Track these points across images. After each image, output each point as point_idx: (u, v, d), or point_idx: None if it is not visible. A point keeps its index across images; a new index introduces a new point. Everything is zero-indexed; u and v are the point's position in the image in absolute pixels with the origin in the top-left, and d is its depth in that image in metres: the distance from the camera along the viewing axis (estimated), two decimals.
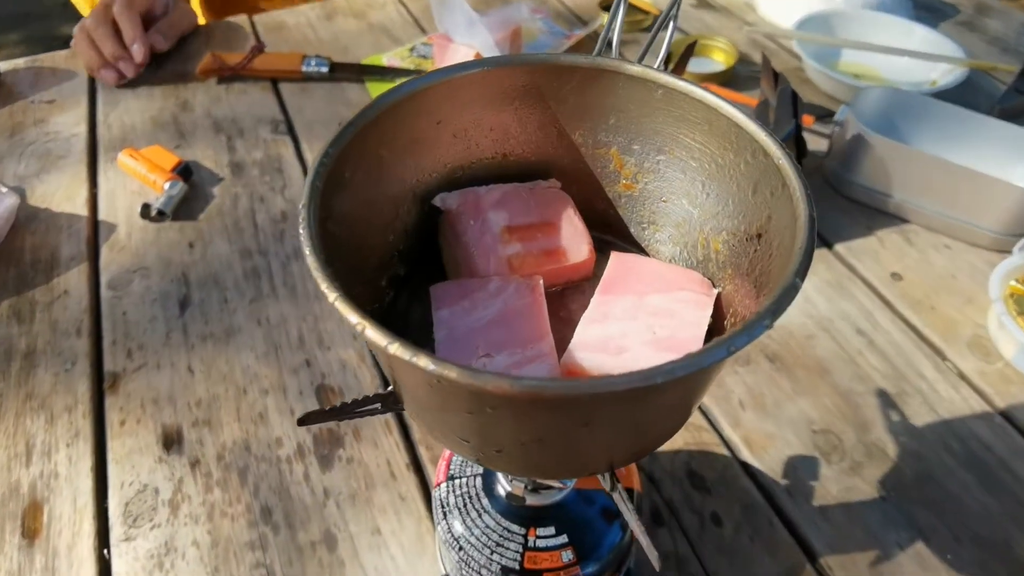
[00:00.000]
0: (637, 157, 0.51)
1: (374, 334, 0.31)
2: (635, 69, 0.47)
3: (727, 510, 0.76)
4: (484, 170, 0.53)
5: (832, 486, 0.78)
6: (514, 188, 0.52)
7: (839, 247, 1.04)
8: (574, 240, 0.51)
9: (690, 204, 0.50)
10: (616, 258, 0.50)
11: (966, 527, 0.75)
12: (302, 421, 0.43)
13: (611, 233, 0.55)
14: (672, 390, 0.34)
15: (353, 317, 0.31)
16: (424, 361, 0.30)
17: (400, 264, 0.50)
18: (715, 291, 0.47)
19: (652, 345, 0.43)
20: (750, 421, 0.82)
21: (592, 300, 0.47)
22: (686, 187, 0.50)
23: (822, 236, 1.05)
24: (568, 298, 0.52)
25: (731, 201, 0.46)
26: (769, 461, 0.79)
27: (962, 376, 0.89)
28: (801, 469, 0.79)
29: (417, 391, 0.37)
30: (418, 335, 0.48)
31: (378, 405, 0.44)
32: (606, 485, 0.43)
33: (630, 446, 0.40)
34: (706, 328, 0.45)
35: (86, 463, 0.78)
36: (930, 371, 0.89)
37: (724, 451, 0.80)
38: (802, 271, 0.34)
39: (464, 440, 0.39)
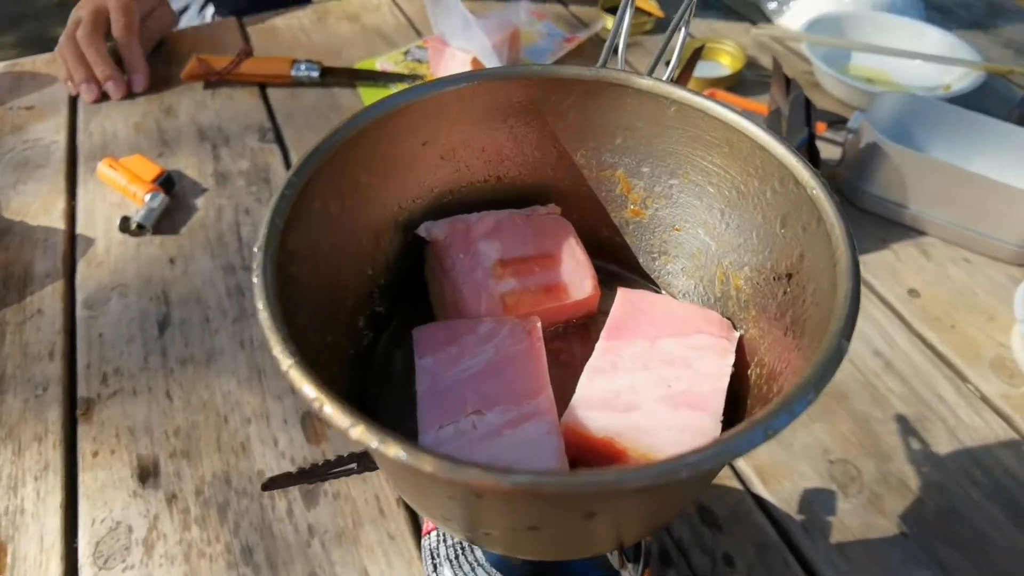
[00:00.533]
0: (647, 180, 0.46)
1: (335, 413, 0.26)
2: (645, 83, 0.42)
3: (740, 549, 0.71)
4: (475, 195, 0.48)
5: (850, 521, 0.73)
6: (508, 215, 0.47)
7: None
8: (576, 274, 0.46)
9: (707, 234, 0.45)
10: (623, 296, 0.44)
11: (993, 565, 0.70)
12: (267, 486, 0.38)
13: (617, 263, 0.50)
14: (696, 478, 0.29)
15: (310, 391, 0.26)
16: (395, 450, 0.25)
17: (381, 301, 0.45)
18: (736, 334, 0.42)
19: (666, 401, 0.38)
20: (764, 451, 0.77)
21: (597, 346, 0.42)
22: (702, 215, 0.45)
23: None
24: (570, 338, 0.46)
25: (755, 234, 0.41)
26: (784, 494, 0.75)
27: (985, 400, 0.84)
28: (817, 503, 0.74)
29: (392, 468, 0.32)
30: (402, 383, 0.43)
31: (354, 465, 0.39)
32: (614, 562, 0.38)
33: (641, 529, 0.35)
34: (727, 380, 0.39)
35: (55, 498, 0.73)
36: (951, 394, 0.84)
37: (736, 484, 0.75)
38: (848, 330, 0.29)
39: (448, 520, 0.33)
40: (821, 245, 0.34)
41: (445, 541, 0.55)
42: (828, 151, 1.13)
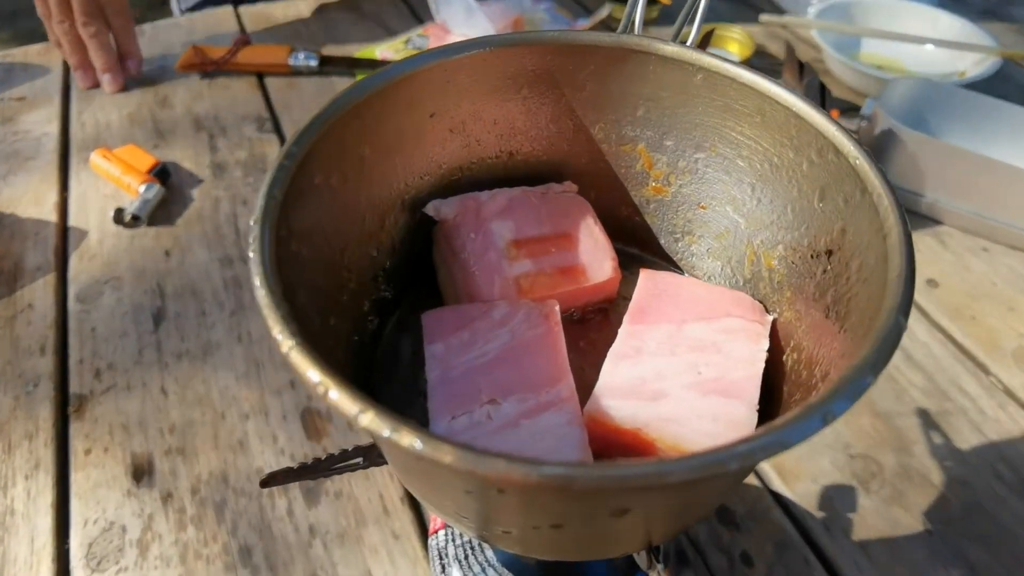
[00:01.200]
0: (670, 155, 0.43)
1: (341, 399, 0.23)
2: (670, 49, 0.39)
3: (759, 548, 0.68)
4: (486, 172, 0.45)
5: (872, 518, 0.71)
6: (522, 193, 0.44)
7: None
8: (595, 255, 0.43)
9: (736, 212, 0.42)
10: (646, 277, 0.41)
11: (1023, 564, 0.67)
12: (265, 483, 0.35)
13: (638, 245, 0.47)
14: (742, 471, 0.26)
15: (314, 375, 0.23)
16: (409, 439, 0.22)
17: (386, 285, 0.42)
18: (769, 318, 0.39)
19: (697, 389, 0.35)
20: None
21: (621, 330, 0.39)
22: (731, 191, 0.42)
23: None
24: (589, 325, 0.44)
25: (790, 209, 0.38)
26: (803, 491, 0.72)
27: (1008, 392, 0.81)
28: (838, 499, 0.72)
29: (403, 460, 0.29)
30: (409, 372, 0.40)
31: (359, 460, 0.36)
32: (642, 563, 0.35)
33: (673, 527, 0.33)
34: (762, 366, 0.36)
35: (46, 498, 0.71)
36: (973, 387, 0.82)
37: (755, 481, 0.72)
38: (905, 307, 0.26)
39: (463, 517, 0.31)
40: (865, 218, 0.31)
41: (454, 540, 0.53)
42: None
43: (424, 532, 0.68)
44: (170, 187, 1.03)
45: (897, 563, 0.68)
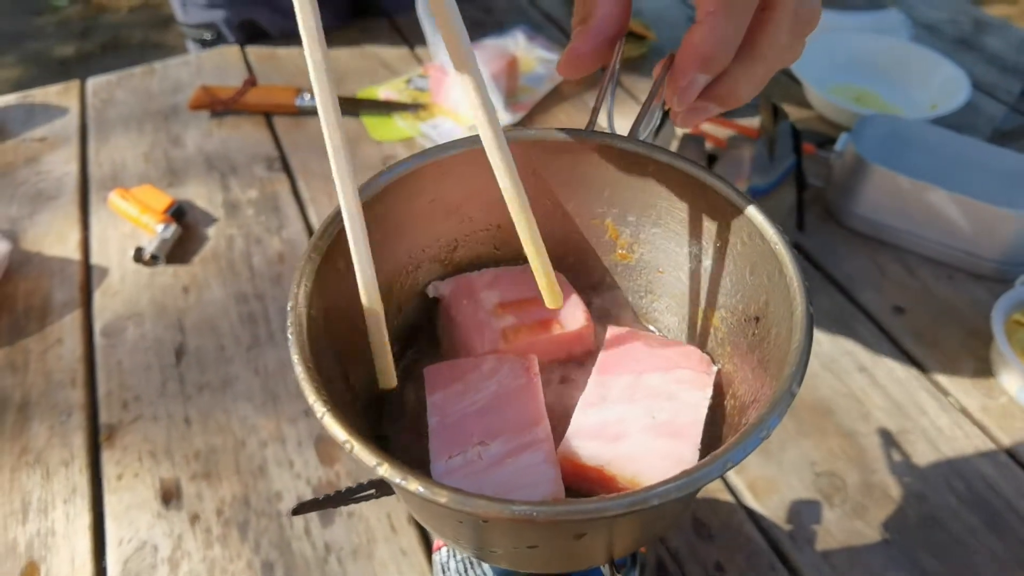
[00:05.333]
0: (632, 228, 0.51)
1: (363, 453, 0.30)
2: (628, 145, 0.47)
3: (730, 558, 0.75)
4: (478, 241, 0.53)
5: (835, 529, 0.77)
6: (505, 270, 0.52)
7: (840, 278, 1.03)
8: (568, 310, 0.50)
9: (686, 277, 0.49)
10: (612, 334, 0.49)
11: (972, 572, 0.74)
12: (296, 511, 0.42)
13: (611, 302, 0.55)
14: (670, 504, 0.33)
15: (341, 434, 0.31)
16: (414, 485, 0.29)
17: (394, 343, 0.49)
18: (714, 369, 0.47)
19: (651, 431, 0.42)
20: (755, 465, 0.81)
21: (589, 381, 0.46)
22: (682, 260, 0.49)
23: (823, 267, 1.04)
24: (572, 372, 0.51)
25: (728, 279, 0.45)
26: (772, 506, 0.79)
27: (965, 412, 0.88)
28: (804, 513, 0.78)
29: (411, 498, 0.36)
30: (414, 417, 0.47)
31: (373, 491, 0.43)
32: (606, 572, 0.43)
33: (629, 544, 0.40)
34: (706, 411, 0.44)
35: (83, 520, 0.78)
36: (933, 408, 0.88)
37: (729, 497, 0.79)
38: (798, 376, 0.33)
39: (459, 540, 0.38)
40: (782, 295, 0.38)
41: (455, 556, 0.60)
42: (817, 168, 1.16)
43: (428, 548, 0.74)
44: (185, 225, 1.10)
45: (856, 569, 0.74)
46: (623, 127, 0.46)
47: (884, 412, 0.87)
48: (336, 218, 0.41)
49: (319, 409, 0.32)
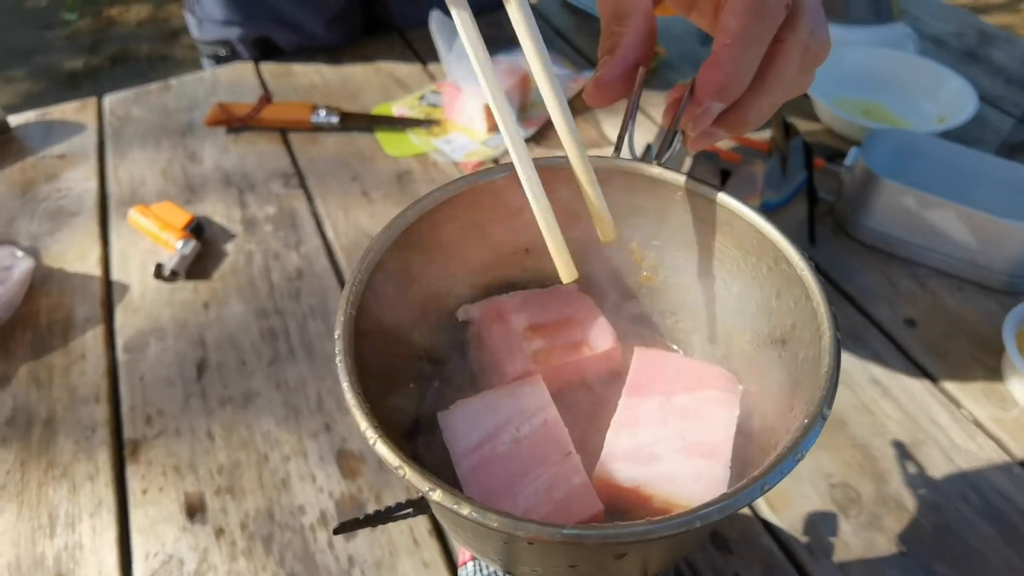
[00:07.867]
0: (657, 252, 0.52)
1: (415, 478, 0.31)
2: (655, 171, 0.48)
3: (749, 570, 0.76)
4: (505, 265, 0.54)
5: (851, 541, 0.78)
6: (533, 292, 0.53)
7: (852, 292, 1.04)
8: (596, 331, 0.52)
9: (711, 301, 0.51)
10: (639, 355, 0.50)
11: None
12: (338, 530, 0.43)
13: (639, 322, 0.56)
14: (710, 525, 0.34)
15: (394, 460, 0.32)
16: (467, 509, 0.30)
17: (427, 365, 0.51)
18: (740, 388, 0.48)
19: (684, 452, 0.44)
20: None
21: (620, 403, 0.47)
22: (708, 284, 0.50)
23: (835, 281, 1.06)
24: (600, 392, 0.52)
25: (754, 303, 0.47)
26: (789, 518, 0.80)
27: (978, 424, 0.89)
28: (821, 525, 0.79)
29: (454, 518, 0.37)
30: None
31: (411, 510, 0.44)
32: None
33: (664, 561, 0.41)
34: (734, 431, 0.45)
35: (110, 534, 0.79)
36: (945, 419, 0.89)
37: (746, 510, 0.80)
38: (829, 400, 0.34)
39: (499, 558, 0.39)
40: (809, 319, 0.40)
41: (481, 571, 0.61)
42: (827, 182, 1.18)
43: (450, 560, 0.75)
44: (204, 241, 1.11)
45: None
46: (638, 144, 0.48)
47: (897, 424, 0.88)
48: (376, 247, 0.42)
49: (371, 435, 0.33)
